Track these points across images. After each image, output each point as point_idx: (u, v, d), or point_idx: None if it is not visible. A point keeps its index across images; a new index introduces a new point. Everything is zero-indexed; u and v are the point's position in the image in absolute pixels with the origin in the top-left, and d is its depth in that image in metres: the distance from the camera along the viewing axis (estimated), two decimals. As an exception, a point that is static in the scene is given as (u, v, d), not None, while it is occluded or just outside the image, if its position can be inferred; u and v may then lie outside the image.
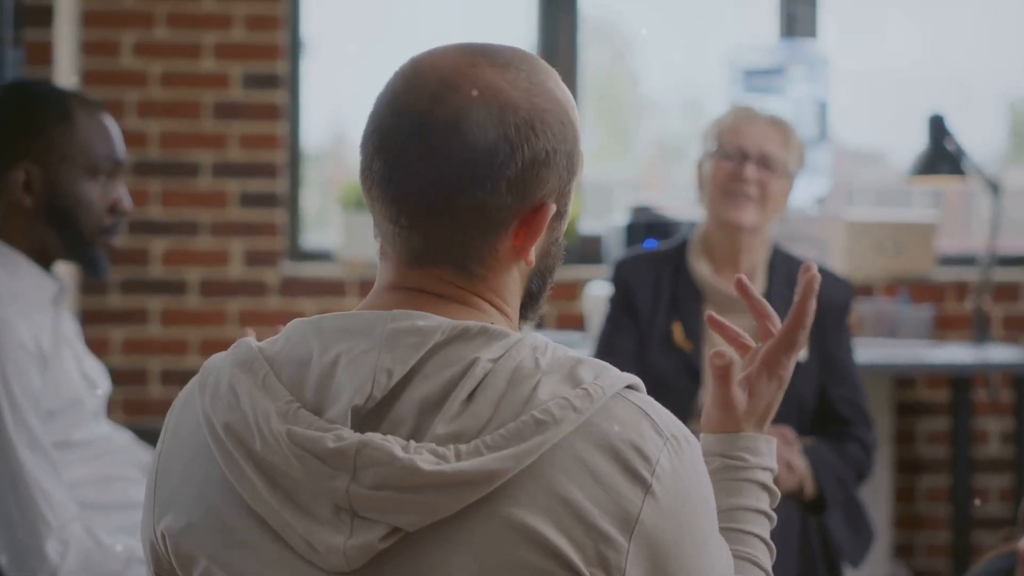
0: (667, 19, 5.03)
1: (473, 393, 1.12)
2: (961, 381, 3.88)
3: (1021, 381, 3.93)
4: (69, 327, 2.37)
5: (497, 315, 1.22)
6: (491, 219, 1.18)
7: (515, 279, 1.23)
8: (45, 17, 4.01)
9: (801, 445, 2.69)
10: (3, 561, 2.16)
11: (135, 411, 4.19)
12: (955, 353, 4.00)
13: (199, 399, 1.19)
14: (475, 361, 1.13)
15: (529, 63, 1.21)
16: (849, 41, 4.74)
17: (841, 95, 4.47)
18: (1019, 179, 5.41)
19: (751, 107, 2.88)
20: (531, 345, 1.16)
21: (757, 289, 2.86)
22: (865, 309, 4.17)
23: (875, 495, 4.02)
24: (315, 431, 1.12)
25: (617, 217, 4.33)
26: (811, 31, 4.52)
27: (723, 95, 4.41)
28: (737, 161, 2.76)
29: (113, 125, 2.37)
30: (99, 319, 4.22)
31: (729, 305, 2.80)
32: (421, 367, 1.14)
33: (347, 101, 5.00)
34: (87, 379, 2.35)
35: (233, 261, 4.29)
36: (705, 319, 1.49)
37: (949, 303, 4.38)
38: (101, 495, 2.31)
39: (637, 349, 2.83)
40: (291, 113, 4.40)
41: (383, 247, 1.23)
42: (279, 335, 1.21)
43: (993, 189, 4.10)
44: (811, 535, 2.80)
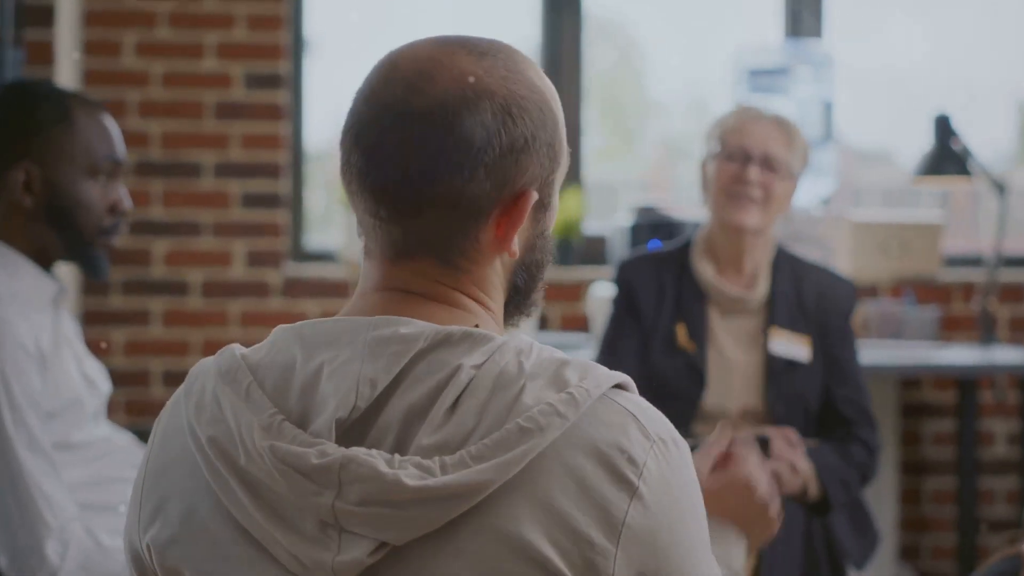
0: (672, 19, 5.02)
1: (457, 401, 1.10)
2: (967, 382, 3.86)
3: (1027, 382, 3.92)
4: (69, 328, 2.37)
5: (481, 311, 1.21)
6: (471, 207, 1.17)
7: (497, 271, 1.22)
8: (46, 17, 4.00)
9: (805, 447, 2.68)
10: (3, 562, 2.16)
11: (137, 412, 4.18)
12: (961, 354, 3.99)
13: (184, 409, 1.18)
14: (459, 368, 1.11)
15: (507, 52, 1.20)
16: (854, 41, 4.72)
17: (846, 95, 4.46)
18: (1026, 179, 5.39)
19: (754, 107, 2.86)
20: (515, 348, 1.14)
21: (761, 290, 2.87)
22: (870, 310, 4.16)
23: (880, 497, 4.00)
24: (298, 446, 1.10)
25: (622, 217, 4.31)
26: (816, 31, 4.52)
27: (728, 95, 4.40)
28: (740, 162, 2.74)
29: (113, 125, 2.36)
30: (101, 320, 4.22)
31: (732, 306, 2.79)
32: (405, 375, 1.12)
33: (350, 101, 4.98)
34: (87, 380, 2.34)
35: (235, 262, 4.28)
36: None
37: (955, 304, 4.37)
38: (101, 496, 2.31)
39: (640, 350, 2.81)
40: (293, 113, 4.39)
41: (367, 245, 1.23)
42: (264, 341, 1.20)
43: (1000, 189, 4.09)
44: (815, 537, 2.79)
